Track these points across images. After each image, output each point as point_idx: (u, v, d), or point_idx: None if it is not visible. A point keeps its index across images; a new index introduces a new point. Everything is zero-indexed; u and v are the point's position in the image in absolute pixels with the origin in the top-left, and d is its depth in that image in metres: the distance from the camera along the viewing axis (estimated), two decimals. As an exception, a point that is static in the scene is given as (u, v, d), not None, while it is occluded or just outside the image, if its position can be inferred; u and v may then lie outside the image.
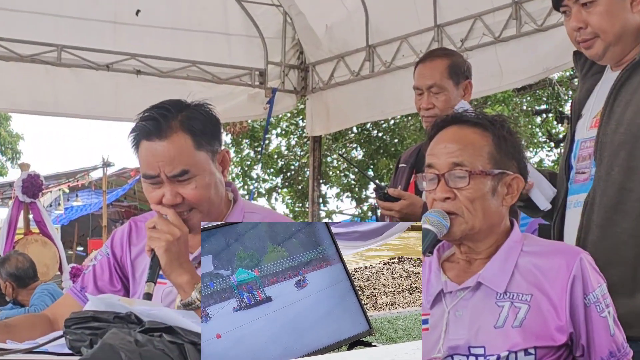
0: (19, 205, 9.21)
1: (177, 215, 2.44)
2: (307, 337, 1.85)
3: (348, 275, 2.03)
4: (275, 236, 1.96)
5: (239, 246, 1.88)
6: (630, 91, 2.81)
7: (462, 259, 2.39)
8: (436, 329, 2.31)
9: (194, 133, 2.46)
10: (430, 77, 3.86)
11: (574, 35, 2.89)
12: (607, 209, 2.79)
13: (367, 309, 1.95)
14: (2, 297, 7.34)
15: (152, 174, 2.46)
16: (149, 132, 2.44)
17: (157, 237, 2.41)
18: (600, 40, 2.84)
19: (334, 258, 2.03)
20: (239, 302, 1.79)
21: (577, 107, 3.02)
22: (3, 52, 6.88)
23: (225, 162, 2.59)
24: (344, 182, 17.23)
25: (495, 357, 2.21)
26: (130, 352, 1.62)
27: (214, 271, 1.81)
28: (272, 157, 17.42)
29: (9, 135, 32.01)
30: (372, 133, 16.40)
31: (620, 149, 2.79)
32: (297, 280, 1.92)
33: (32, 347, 1.93)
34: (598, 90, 2.97)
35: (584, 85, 3.04)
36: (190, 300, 2.33)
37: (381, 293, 13.21)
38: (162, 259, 2.38)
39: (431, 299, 2.36)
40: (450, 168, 2.31)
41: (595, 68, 3.02)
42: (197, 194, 2.46)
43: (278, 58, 7.87)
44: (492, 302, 2.27)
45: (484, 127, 2.35)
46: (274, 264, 1.91)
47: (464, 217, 2.30)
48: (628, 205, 2.78)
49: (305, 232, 2.01)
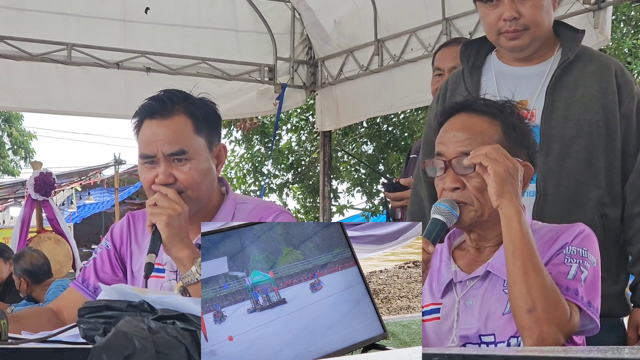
0: (32, 203, 9.24)
1: (177, 193, 2.50)
2: (321, 340, 1.85)
3: (363, 278, 2.03)
4: (290, 239, 1.95)
5: (254, 248, 1.89)
6: (567, 88, 2.93)
7: (472, 247, 2.40)
8: (448, 319, 2.33)
9: (195, 118, 2.56)
10: (454, 59, 3.86)
11: (500, 25, 2.95)
12: (564, 200, 2.88)
13: (382, 313, 1.93)
14: (16, 293, 7.36)
15: (149, 154, 2.54)
16: (153, 111, 2.54)
17: (159, 212, 2.47)
18: (528, 33, 2.93)
19: (350, 261, 2.02)
20: (253, 304, 1.79)
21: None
22: (14, 52, 6.92)
23: (221, 157, 2.66)
24: (355, 177, 17.19)
25: (505, 343, 2.22)
26: (143, 339, 1.64)
27: (229, 273, 1.81)
28: (283, 152, 17.39)
29: (20, 134, 32.10)
30: (382, 127, 16.36)
31: (573, 142, 2.91)
32: (312, 283, 1.91)
33: (46, 336, 1.96)
34: (495, 83, 3.04)
35: (473, 77, 3.09)
36: (190, 273, 2.39)
37: (396, 297, 13.22)
38: (163, 233, 2.45)
39: (442, 289, 2.37)
40: (458, 157, 2.31)
41: (479, 61, 3.11)
42: (190, 177, 2.53)
43: (287, 54, 7.88)
44: (500, 289, 2.28)
45: (493, 115, 2.35)
46: (288, 266, 1.91)
47: (474, 205, 2.30)
48: (581, 196, 2.90)
49: (321, 235, 2.01)
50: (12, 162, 32.26)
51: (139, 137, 2.58)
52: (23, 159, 32.09)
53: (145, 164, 2.56)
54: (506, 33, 2.94)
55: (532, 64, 3.02)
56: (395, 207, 4.07)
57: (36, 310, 2.85)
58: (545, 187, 2.89)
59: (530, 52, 2.99)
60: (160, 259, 2.56)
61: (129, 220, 2.81)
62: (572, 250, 2.24)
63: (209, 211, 2.67)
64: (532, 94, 2.97)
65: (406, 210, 3.96)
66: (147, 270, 2.40)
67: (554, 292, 2.12)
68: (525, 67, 3.03)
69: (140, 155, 2.57)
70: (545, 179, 2.89)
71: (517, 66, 3.04)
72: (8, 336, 1.98)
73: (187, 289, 2.41)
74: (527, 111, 2.93)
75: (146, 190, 2.59)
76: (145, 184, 2.58)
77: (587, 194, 2.91)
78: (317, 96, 8.16)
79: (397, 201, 3.84)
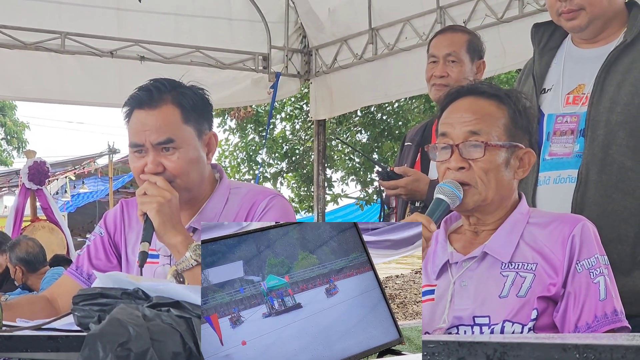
0: (26, 192, 9.23)
1: (165, 181, 2.52)
2: (336, 345, 1.84)
3: (379, 283, 2.02)
4: (306, 243, 1.95)
5: (270, 252, 1.88)
6: (621, 71, 2.84)
7: (469, 230, 2.41)
8: (442, 300, 2.34)
9: (183, 107, 2.57)
10: (449, 46, 3.85)
11: (557, 5, 2.90)
12: (607, 187, 2.80)
13: (398, 318, 1.93)
14: (10, 282, 7.35)
15: (138, 143, 2.56)
16: (141, 101, 2.56)
17: (149, 200, 2.49)
18: (585, 13, 2.87)
19: (366, 266, 2.02)
20: (268, 309, 1.79)
21: (538, 80, 3.04)
22: (7, 40, 6.90)
23: (212, 144, 2.67)
24: (349, 166, 17.21)
25: (499, 326, 2.23)
26: (138, 326, 1.64)
27: (245, 277, 1.81)
28: (277, 141, 17.40)
29: (14, 124, 32.02)
30: (377, 116, 16.37)
31: (619, 128, 2.81)
32: (327, 288, 1.91)
33: (40, 324, 1.96)
34: (562, 66, 2.99)
35: (542, 59, 3.06)
36: (184, 259, 2.40)
37: (412, 302, 13.24)
38: (154, 221, 2.46)
39: (437, 270, 2.38)
40: (465, 138, 2.31)
41: (552, 43, 3.06)
42: (178, 166, 2.55)
43: (281, 42, 7.86)
44: (497, 272, 2.29)
45: (501, 100, 2.36)
46: (304, 271, 1.90)
47: (478, 188, 2.30)
48: (628, 183, 2.81)
49: (337, 240, 2.00)
50: (5, 151, 32.18)
51: (129, 127, 2.60)
52: (16, 149, 32.01)
53: (135, 153, 2.58)
54: (564, 14, 2.89)
55: (596, 46, 2.95)
56: (389, 196, 4.06)
57: (30, 298, 2.85)
58: (587, 174, 2.82)
59: (593, 32, 2.93)
60: (154, 245, 2.56)
61: (122, 207, 2.81)
62: (593, 261, 2.25)
63: (203, 197, 2.67)
64: (590, 77, 2.90)
65: (400, 199, 3.96)
66: (141, 259, 2.41)
67: None
68: (590, 49, 2.96)
69: (130, 145, 2.59)
70: (588, 166, 2.82)
71: (584, 48, 2.98)
72: (2, 324, 1.98)
73: (181, 274, 2.42)
74: (582, 95, 2.89)
75: (136, 179, 2.61)
76: (135, 173, 2.61)
77: (633, 181, 2.81)
78: (311, 85, 8.15)
79: (392, 190, 3.82)
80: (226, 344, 1.70)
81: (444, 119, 2.39)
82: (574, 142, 2.87)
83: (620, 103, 2.82)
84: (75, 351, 1.69)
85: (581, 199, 2.82)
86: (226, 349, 1.70)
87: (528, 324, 2.22)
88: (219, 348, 1.68)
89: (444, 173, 2.36)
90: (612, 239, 2.71)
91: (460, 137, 2.32)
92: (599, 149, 2.82)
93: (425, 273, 2.42)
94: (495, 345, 1.37)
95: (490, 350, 1.37)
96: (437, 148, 2.37)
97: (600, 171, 2.82)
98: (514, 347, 1.35)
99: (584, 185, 2.82)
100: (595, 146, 2.83)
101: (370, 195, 17.13)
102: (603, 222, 2.68)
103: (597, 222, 2.37)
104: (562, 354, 1.31)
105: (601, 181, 2.81)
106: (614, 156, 2.82)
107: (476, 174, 2.30)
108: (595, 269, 2.24)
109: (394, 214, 4.11)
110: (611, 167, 2.82)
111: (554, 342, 1.33)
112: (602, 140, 2.82)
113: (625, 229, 2.78)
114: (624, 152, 2.82)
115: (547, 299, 2.24)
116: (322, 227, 2.03)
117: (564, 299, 2.23)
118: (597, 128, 2.83)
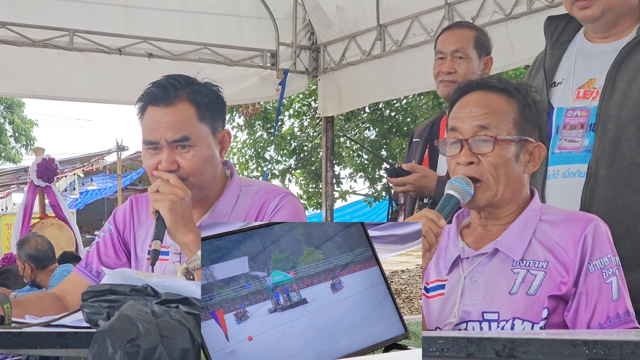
0: (35, 189, 9.25)
1: (178, 178, 2.51)
2: (342, 340, 1.83)
3: (385, 278, 2.02)
4: (311, 239, 1.94)
5: (275, 248, 1.88)
6: (633, 67, 2.82)
7: (480, 225, 2.40)
8: (452, 295, 2.33)
9: (198, 105, 2.55)
10: (457, 42, 3.85)
11: None
12: (617, 183, 2.79)
13: (404, 313, 1.94)
14: (19, 279, 7.36)
15: (153, 140, 2.54)
16: (156, 98, 2.54)
17: (161, 198, 2.47)
18: (600, 3, 2.84)
19: (371, 261, 2.02)
20: (274, 304, 1.79)
21: (549, 73, 3.02)
22: (15, 38, 6.91)
23: (225, 142, 2.66)
24: (357, 162, 17.21)
25: (508, 322, 2.23)
26: (147, 322, 1.64)
27: (250, 272, 1.81)
28: (285, 138, 17.41)
29: (22, 121, 32.07)
30: (385, 113, 16.35)
31: (629, 124, 2.80)
32: (333, 283, 1.91)
33: (49, 320, 1.96)
34: (574, 60, 2.98)
35: (554, 52, 3.04)
36: (196, 258, 2.39)
37: (418, 297, 13.23)
38: (167, 219, 2.45)
39: (449, 265, 2.38)
40: (475, 132, 2.30)
41: (564, 37, 3.04)
42: (193, 164, 2.53)
43: (289, 39, 7.86)
44: (508, 269, 2.28)
45: (510, 94, 2.35)
46: (309, 266, 1.90)
47: (488, 183, 2.29)
48: (638, 179, 2.79)
49: (342, 235, 2.00)
50: (14, 149, 32.23)
51: (143, 123, 2.58)
52: (24, 146, 32.05)
53: (149, 150, 2.56)
54: (577, 2, 2.87)
55: (609, 41, 2.94)
56: (397, 193, 4.06)
57: (39, 294, 2.85)
58: (597, 169, 2.81)
59: (605, 25, 2.91)
60: (164, 242, 2.55)
61: (132, 203, 2.80)
62: (606, 261, 2.24)
63: (214, 194, 2.66)
64: (601, 72, 2.89)
65: (409, 196, 3.95)
66: (153, 257, 2.40)
67: None
68: (602, 44, 2.95)
69: (144, 142, 2.57)
70: (598, 161, 2.81)
71: (596, 43, 2.96)
72: (12, 320, 1.98)
73: (191, 272, 2.41)
74: (593, 90, 2.88)
75: (149, 176, 2.59)
76: (149, 170, 2.59)
77: None
78: (320, 82, 8.15)
79: (400, 186, 3.82)
80: (232, 339, 1.70)
81: (454, 114, 2.39)
82: (584, 136, 2.86)
83: (631, 98, 2.81)
84: (84, 347, 1.69)
85: (590, 194, 2.81)
86: (232, 345, 1.69)
87: (539, 322, 2.21)
88: (224, 344, 1.68)
89: (454, 168, 2.35)
90: (621, 234, 2.70)
91: (469, 132, 2.31)
92: (609, 144, 2.81)
93: (435, 268, 2.42)
94: (505, 341, 1.37)
95: (499, 346, 1.37)
96: (446, 143, 2.37)
97: (610, 166, 2.80)
98: (523, 343, 1.35)
99: (594, 181, 2.81)
100: (605, 141, 2.82)
101: (378, 192, 17.12)
102: (612, 218, 2.66)
103: (606, 218, 2.36)
104: (572, 349, 1.31)
105: (610, 176, 2.80)
106: (624, 152, 2.81)
107: (486, 168, 2.29)
108: (608, 269, 2.23)
109: (402, 211, 4.10)
110: (621, 163, 2.81)
111: (564, 338, 1.33)
112: (613, 135, 2.81)
113: (634, 224, 2.78)
114: (634, 148, 2.81)
115: (557, 298, 2.23)
116: (327, 224, 2.03)
117: (576, 299, 2.23)
118: (607, 123, 2.82)
